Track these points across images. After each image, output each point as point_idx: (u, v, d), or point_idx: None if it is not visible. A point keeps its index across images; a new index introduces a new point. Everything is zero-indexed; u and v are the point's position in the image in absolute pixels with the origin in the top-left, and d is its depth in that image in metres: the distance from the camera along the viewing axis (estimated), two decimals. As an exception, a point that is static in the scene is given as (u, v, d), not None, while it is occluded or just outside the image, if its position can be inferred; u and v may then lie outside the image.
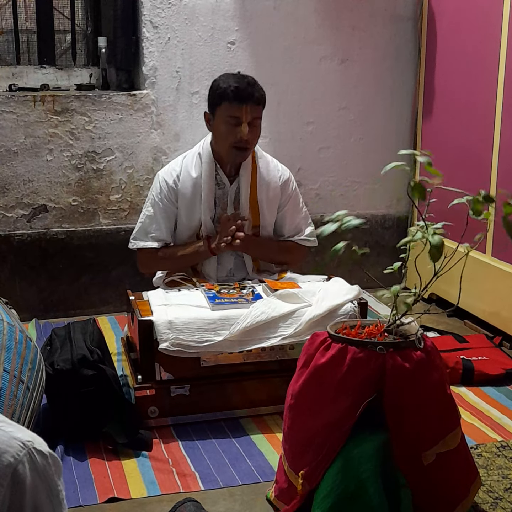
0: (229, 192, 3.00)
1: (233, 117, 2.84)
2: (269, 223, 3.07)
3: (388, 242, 3.93)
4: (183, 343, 2.46)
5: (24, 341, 2.24)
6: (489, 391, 2.82)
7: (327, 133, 3.86)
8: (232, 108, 2.83)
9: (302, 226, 3.14)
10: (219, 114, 2.87)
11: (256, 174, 3.00)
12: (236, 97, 2.82)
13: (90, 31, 3.77)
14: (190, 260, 3.02)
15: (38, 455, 1.23)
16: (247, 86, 2.85)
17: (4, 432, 1.23)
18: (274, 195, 3.05)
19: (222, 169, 2.98)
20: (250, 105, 2.84)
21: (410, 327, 1.96)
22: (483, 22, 3.27)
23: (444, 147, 3.61)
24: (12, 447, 1.21)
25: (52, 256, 3.54)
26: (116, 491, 2.15)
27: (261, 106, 2.91)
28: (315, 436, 1.89)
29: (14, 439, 1.22)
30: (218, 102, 2.86)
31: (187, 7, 3.54)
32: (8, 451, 1.20)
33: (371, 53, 3.84)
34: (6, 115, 3.38)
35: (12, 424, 1.27)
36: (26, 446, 1.22)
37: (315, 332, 2.01)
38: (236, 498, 2.14)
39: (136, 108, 3.55)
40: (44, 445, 1.26)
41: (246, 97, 2.83)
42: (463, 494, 1.96)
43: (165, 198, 2.98)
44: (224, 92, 2.84)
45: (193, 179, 2.96)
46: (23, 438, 1.23)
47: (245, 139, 2.85)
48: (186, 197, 2.97)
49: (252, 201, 3.00)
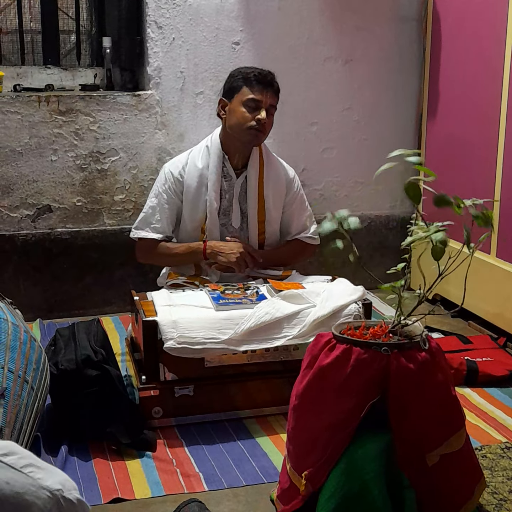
0: (235, 185, 3.02)
1: (254, 101, 2.92)
2: (273, 218, 3.09)
3: (392, 242, 3.92)
4: (188, 340, 2.45)
5: (28, 341, 2.24)
6: (493, 392, 2.82)
7: (331, 134, 3.86)
8: (254, 92, 2.92)
9: (307, 223, 3.18)
10: (239, 98, 2.94)
11: (263, 169, 3.03)
12: (259, 82, 2.93)
13: (95, 32, 3.77)
14: (184, 260, 3.04)
15: (66, 504, 1.19)
16: (269, 74, 2.97)
17: (33, 480, 1.17)
18: (279, 192, 3.08)
19: (230, 161, 3.00)
20: (270, 92, 2.94)
21: (414, 328, 1.96)
22: (488, 22, 3.27)
23: (449, 148, 3.61)
24: (40, 499, 1.15)
25: (56, 256, 3.55)
26: (120, 492, 2.16)
27: (277, 98, 3.00)
28: (319, 437, 1.89)
29: (43, 489, 1.17)
30: (239, 87, 2.95)
31: (192, 7, 3.54)
32: (36, 504, 1.15)
33: (376, 53, 3.84)
34: (10, 115, 3.38)
35: (41, 467, 1.21)
36: (54, 496, 1.17)
37: (320, 333, 2.01)
38: (240, 499, 2.14)
39: (140, 108, 3.55)
40: (74, 491, 1.21)
41: (268, 83, 2.95)
42: (468, 496, 1.95)
43: (169, 189, 3.01)
44: (246, 76, 2.95)
45: (199, 170, 2.99)
46: (52, 487, 1.18)
47: (263, 122, 2.91)
48: (192, 188, 2.99)
49: (258, 196, 3.02)
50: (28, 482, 1.16)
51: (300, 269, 3.31)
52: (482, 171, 3.32)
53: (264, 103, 2.91)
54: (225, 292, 2.73)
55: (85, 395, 2.36)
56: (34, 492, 1.15)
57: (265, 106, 2.92)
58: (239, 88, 2.93)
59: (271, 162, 3.08)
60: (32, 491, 1.15)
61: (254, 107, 2.91)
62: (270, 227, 3.10)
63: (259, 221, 3.06)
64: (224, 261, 2.95)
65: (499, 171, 3.22)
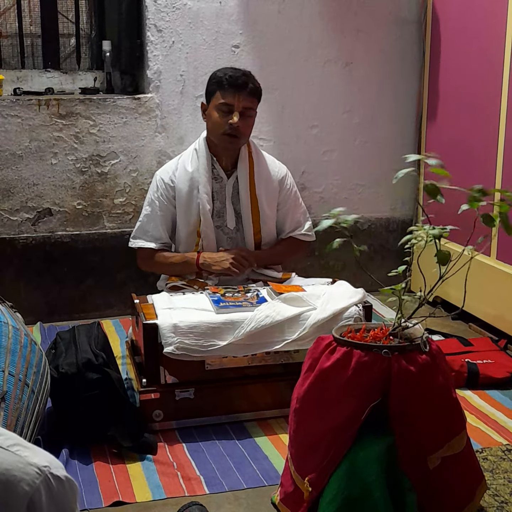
0: (227, 186, 3.02)
1: (225, 105, 2.90)
2: (268, 217, 3.09)
3: (393, 245, 3.93)
4: (188, 347, 2.46)
5: (29, 345, 2.24)
6: (494, 394, 2.81)
7: (331, 136, 3.86)
8: (225, 96, 2.90)
9: (301, 220, 3.19)
10: (213, 102, 2.94)
11: (253, 169, 3.03)
12: (230, 85, 2.90)
13: (95, 35, 3.77)
14: (181, 270, 3.05)
15: (54, 481, 1.18)
16: (242, 76, 2.93)
17: (20, 457, 1.17)
18: (272, 190, 3.08)
19: (219, 163, 3.01)
20: (243, 94, 2.91)
21: (415, 330, 1.95)
22: (487, 24, 3.27)
23: (449, 150, 3.61)
24: (28, 475, 1.15)
25: (56, 259, 3.55)
26: (121, 495, 2.15)
27: (255, 99, 2.96)
28: (321, 440, 1.89)
29: (31, 465, 1.17)
30: (213, 91, 2.94)
31: (192, 11, 3.55)
32: (24, 479, 1.15)
33: (376, 56, 3.84)
34: (11, 119, 3.38)
35: (28, 447, 1.21)
36: (42, 472, 1.17)
37: (320, 336, 2.01)
38: (241, 502, 2.14)
39: (140, 111, 3.55)
40: (61, 469, 1.21)
41: (240, 85, 2.90)
42: (469, 498, 1.95)
43: (161, 196, 3.03)
44: (219, 80, 2.92)
45: (189, 173, 2.99)
46: (40, 464, 1.18)
47: (235, 126, 2.89)
48: (183, 193, 3.00)
49: (251, 195, 3.02)
50: (15, 459, 1.16)
51: (300, 271, 3.31)
52: (482, 172, 3.32)
53: (237, 106, 2.89)
54: (225, 295, 2.73)
55: (86, 399, 2.36)
56: (22, 468, 1.16)
57: (237, 109, 2.89)
58: (213, 92, 2.94)
59: (261, 160, 3.08)
60: (19, 467, 1.15)
61: (226, 111, 2.90)
62: (266, 226, 3.09)
63: (254, 221, 3.06)
64: (219, 269, 2.95)
65: (499, 172, 3.22)
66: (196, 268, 3.00)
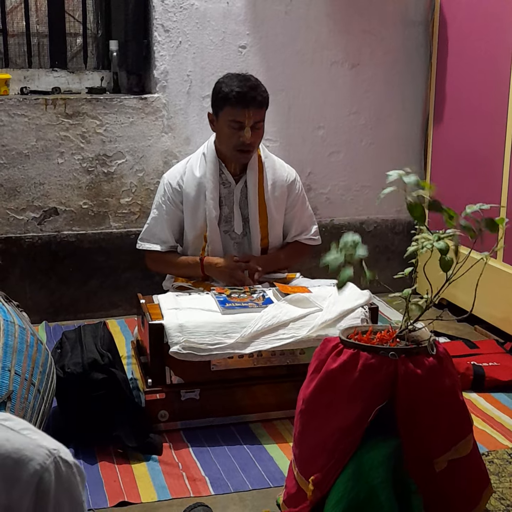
0: (235, 191, 3.01)
1: (235, 122, 2.86)
2: (276, 222, 3.08)
3: (398, 247, 3.92)
4: (194, 346, 2.45)
5: (35, 344, 2.24)
6: (500, 397, 2.81)
7: (337, 138, 3.86)
8: (234, 113, 2.85)
9: (308, 224, 3.19)
10: (222, 118, 2.89)
11: (262, 174, 3.02)
12: (239, 102, 2.84)
13: (101, 35, 3.77)
14: (187, 272, 3.05)
15: (63, 464, 1.22)
16: (249, 90, 2.86)
17: (31, 439, 1.21)
18: (281, 194, 3.07)
19: (227, 168, 3.00)
20: (252, 110, 2.86)
21: (422, 333, 1.95)
22: (495, 26, 3.27)
23: (455, 152, 3.61)
24: (39, 455, 1.19)
25: (62, 259, 3.55)
26: (126, 495, 2.15)
27: (264, 109, 2.92)
28: (326, 442, 1.89)
29: (41, 447, 1.21)
30: (221, 105, 2.89)
31: (199, 11, 3.55)
32: (35, 459, 1.18)
33: (382, 57, 3.83)
34: (17, 118, 3.38)
35: (37, 432, 1.25)
36: (52, 454, 1.21)
37: (327, 338, 2.01)
38: (246, 503, 2.14)
39: (147, 111, 3.55)
40: (69, 454, 1.25)
41: (248, 101, 2.84)
42: (475, 501, 1.95)
43: (168, 200, 3.02)
44: (226, 96, 2.86)
45: (197, 178, 2.98)
46: (49, 446, 1.22)
47: (247, 143, 2.87)
48: (191, 197, 2.99)
49: (259, 200, 3.01)
50: (27, 441, 1.21)
51: (305, 272, 3.31)
52: (489, 176, 3.32)
53: (247, 123, 2.85)
54: (231, 296, 2.73)
55: (92, 399, 2.36)
56: (33, 449, 1.20)
57: (248, 125, 2.85)
58: (222, 107, 2.88)
59: (271, 164, 3.07)
60: (31, 448, 1.20)
61: (237, 127, 2.86)
62: (273, 231, 3.09)
63: (261, 226, 3.05)
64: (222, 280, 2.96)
65: (506, 176, 3.21)
66: (201, 273, 3.00)
